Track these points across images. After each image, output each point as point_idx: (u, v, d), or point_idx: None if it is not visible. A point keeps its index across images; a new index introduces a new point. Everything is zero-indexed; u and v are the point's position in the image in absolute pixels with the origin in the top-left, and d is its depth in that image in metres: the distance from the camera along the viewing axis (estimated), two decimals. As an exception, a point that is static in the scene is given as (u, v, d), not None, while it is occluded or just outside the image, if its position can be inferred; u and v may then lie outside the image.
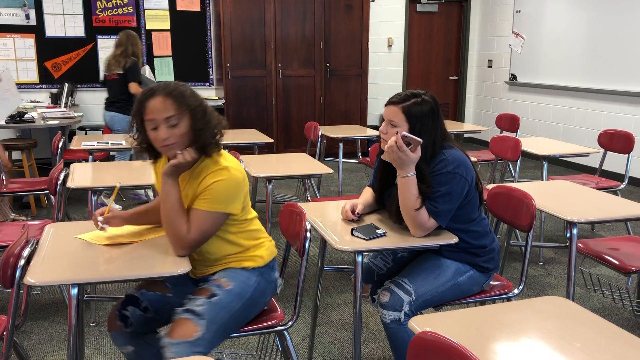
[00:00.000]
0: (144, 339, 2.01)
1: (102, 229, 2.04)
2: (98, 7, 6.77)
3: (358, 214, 2.28)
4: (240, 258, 2.00)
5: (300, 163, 3.60)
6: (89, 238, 2.03)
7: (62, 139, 4.23)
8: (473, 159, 3.90)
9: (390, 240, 2.08)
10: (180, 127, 1.85)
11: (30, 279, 1.68)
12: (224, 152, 1.99)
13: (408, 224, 2.11)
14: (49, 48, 6.71)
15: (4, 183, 3.97)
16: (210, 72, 7.32)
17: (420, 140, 2.03)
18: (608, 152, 4.36)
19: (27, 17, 6.56)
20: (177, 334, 1.79)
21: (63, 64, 6.77)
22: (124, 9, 6.86)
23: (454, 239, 2.10)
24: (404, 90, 2.18)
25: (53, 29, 6.69)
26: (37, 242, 1.98)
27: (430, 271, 2.16)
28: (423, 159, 2.10)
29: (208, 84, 7.33)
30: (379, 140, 2.26)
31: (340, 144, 4.91)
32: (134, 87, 5.00)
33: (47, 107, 6.13)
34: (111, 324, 1.99)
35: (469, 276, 2.20)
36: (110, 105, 5.14)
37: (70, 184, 2.99)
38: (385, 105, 2.18)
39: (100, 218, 2.03)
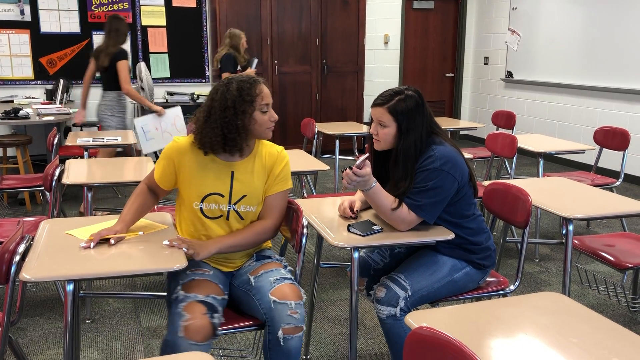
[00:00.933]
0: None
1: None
2: (93, 3, 6.74)
3: (357, 211, 2.28)
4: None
5: (296, 160, 3.59)
6: (79, 234, 2.01)
7: (57, 135, 4.21)
8: (469, 155, 3.91)
9: (387, 236, 2.08)
10: None
11: (26, 274, 1.68)
12: None
13: (390, 223, 2.13)
14: (44, 44, 6.68)
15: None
16: (206, 68, 7.30)
17: (366, 155, 2.07)
18: (604, 149, 4.38)
19: (22, 12, 6.53)
20: (292, 297, 1.93)
21: (58, 60, 6.74)
22: (119, 4, 6.83)
23: (450, 235, 2.10)
24: (387, 90, 2.18)
25: (48, 24, 6.65)
26: (33, 238, 1.97)
27: (427, 267, 2.17)
28: (410, 156, 2.11)
29: (204, 80, 7.31)
30: (372, 139, 2.27)
31: (337, 141, 4.91)
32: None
33: (42, 104, 6.11)
34: (204, 334, 1.83)
35: (465, 273, 2.20)
36: None
37: (66, 180, 2.97)
38: (371, 106, 2.18)
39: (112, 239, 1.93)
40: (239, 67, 5.58)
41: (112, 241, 1.92)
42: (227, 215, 2.09)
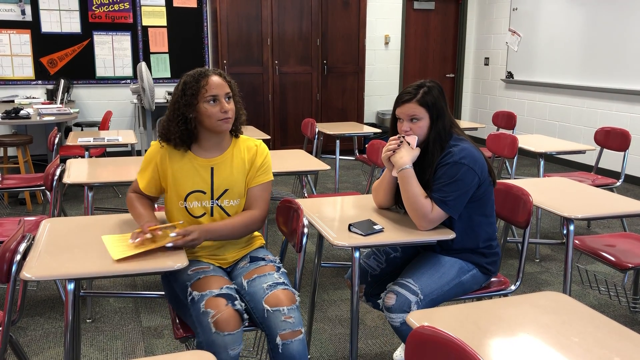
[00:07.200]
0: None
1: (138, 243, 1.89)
2: (94, 3, 6.74)
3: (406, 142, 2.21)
4: (256, 237, 2.28)
5: (297, 160, 3.59)
6: (110, 247, 1.89)
7: (57, 135, 4.22)
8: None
9: (388, 235, 2.07)
10: (231, 104, 2.06)
11: (27, 273, 1.68)
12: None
13: (412, 215, 2.12)
14: (44, 44, 6.68)
15: None
16: (207, 68, 7.29)
17: (415, 136, 2.15)
18: (604, 149, 4.38)
19: (23, 12, 6.53)
20: (286, 302, 1.92)
21: (59, 60, 6.75)
22: (120, 5, 6.83)
23: (451, 235, 2.10)
24: (407, 87, 2.21)
25: (49, 24, 6.66)
26: (33, 237, 1.97)
27: (435, 270, 2.15)
28: (442, 140, 2.14)
29: (204, 80, 7.31)
30: (385, 139, 2.29)
31: (337, 141, 4.91)
32: None
33: (42, 104, 6.11)
34: (234, 322, 1.83)
35: (472, 275, 2.19)
36: None
37: (67, 180, 2.97)
38: (399, 105, 2.19)
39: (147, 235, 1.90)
40: None
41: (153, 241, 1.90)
42: (211, 211, 2.10)
